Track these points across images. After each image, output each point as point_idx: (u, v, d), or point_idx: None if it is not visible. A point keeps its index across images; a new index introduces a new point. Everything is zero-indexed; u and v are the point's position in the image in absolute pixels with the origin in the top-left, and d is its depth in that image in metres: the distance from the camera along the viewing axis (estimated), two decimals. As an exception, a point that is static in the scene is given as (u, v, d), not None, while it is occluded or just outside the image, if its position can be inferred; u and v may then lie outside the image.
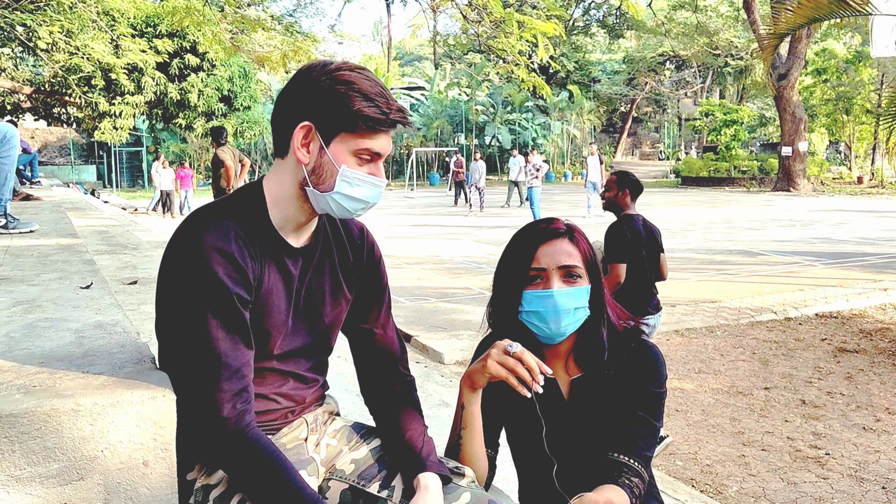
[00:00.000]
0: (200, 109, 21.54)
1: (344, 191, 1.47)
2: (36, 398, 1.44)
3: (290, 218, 1.53)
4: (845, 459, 4.17)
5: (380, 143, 1.48)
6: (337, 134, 1.46)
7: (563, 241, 1.69)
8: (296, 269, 1.55)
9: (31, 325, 2.11)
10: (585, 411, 1.72)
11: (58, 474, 1.40)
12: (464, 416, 1.66)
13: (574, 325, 1.68)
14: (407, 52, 75.18)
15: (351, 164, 1.47)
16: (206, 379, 1.38)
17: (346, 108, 1.44)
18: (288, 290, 1.54)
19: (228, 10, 11.44)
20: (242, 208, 1.50)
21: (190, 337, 1.39)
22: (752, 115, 38.57)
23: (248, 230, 1.46)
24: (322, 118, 1.46)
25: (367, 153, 1.47)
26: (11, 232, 4.77)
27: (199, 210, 1.49)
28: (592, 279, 1.71)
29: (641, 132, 59.80)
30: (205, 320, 1.38)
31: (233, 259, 1.41)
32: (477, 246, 13.73)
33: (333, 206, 1.49)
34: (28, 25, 14.15)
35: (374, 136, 1.46)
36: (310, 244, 1.59)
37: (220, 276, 1.38)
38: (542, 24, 9.92)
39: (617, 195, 4.54)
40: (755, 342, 6.65)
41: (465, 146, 40.77)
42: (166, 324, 1.45)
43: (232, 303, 1.40)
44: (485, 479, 1.71)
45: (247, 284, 1.43)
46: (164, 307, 1.45)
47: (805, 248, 12.73)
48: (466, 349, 6.30)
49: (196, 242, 1.40)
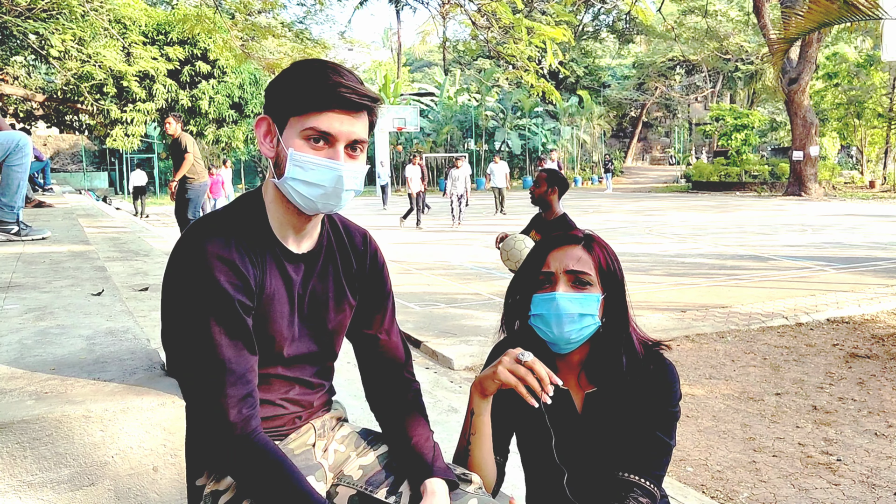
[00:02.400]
0: (211, 116, 21.69)
1: (297, 176, 1.44)
2: (47, 404, 1.45)
3: (285, 222, 1.53)
4: (857, 466, 4.14)
5: (328, 122, 1.43)
6: (287, 120, 1.46)
7: (575, 248, 1.68)
8: (297, 275, 1.56)
9: (42, 332, 2.13)
10: (598, 426, 1.71)
11: (69, 480, 1.41)
12: (473, 422, 1.66)
13: (579, 332, 1.65)
14: (417, 58, 75.35)
15: (300, 147, 1.44)
16: (212, 385, 1.40)
17: (290, 90, 1.44)
18: (290, 296, 1.55)
19: (239, 17, 11.49)
20: (243, 216, 1.51)
21: (194, 344, 1.41)
22: (763, 119, 38.43)
23: (248, 237, 1.48)
24: (274, 108, 1.48)
25: (314, 133, 1.43)
26: (24, 239, 4.80)
27: (202, 219, 1.51)
28: (609, 290, 1.68)
29: (652, 137, 59.69)
30: (208, 327, 1.39)
31: (234, 266, 1.42)
32: (487, 251, 13.71)
33: (293, 194, 1.47)
34: (41, 34, 14.28)
35: (320, 114, 1.43)
36: (313, 250, 1.60)
37: (222, 283, 1.40)
38: (552, 29, 9.93)
39: (546, 192, 4.83)
40: (766, 347, 6.62)
41: (475, 151, 40.81)
42: (172, 332, 1.47)
43: (234, 309, 1.41)
44: (493, 486, 1.71)
45: (248, 291, 1.44)
46: (168, 315, 1.47)
47: (816, 252, 12.66)
48: (476, 355, 6.30)
49: (198, 251, 1.42)
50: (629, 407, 1.68)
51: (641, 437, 1.66)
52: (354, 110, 1.45)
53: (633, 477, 1.63)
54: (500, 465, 1.75)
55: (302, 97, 1.42)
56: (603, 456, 1.69)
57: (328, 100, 1.42)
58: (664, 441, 1.66)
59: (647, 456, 1.65)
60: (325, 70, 1.44)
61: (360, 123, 1.48)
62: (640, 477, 1.63)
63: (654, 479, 1.64)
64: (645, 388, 1.68)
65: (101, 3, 15.14)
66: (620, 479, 1.64)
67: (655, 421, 1.67)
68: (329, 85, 1.41)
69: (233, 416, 1.39)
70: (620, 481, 1.64)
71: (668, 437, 1.67)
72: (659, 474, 1.65)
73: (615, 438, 1.69)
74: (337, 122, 1.44)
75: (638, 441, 1.66)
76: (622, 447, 1.67)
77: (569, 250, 1.68)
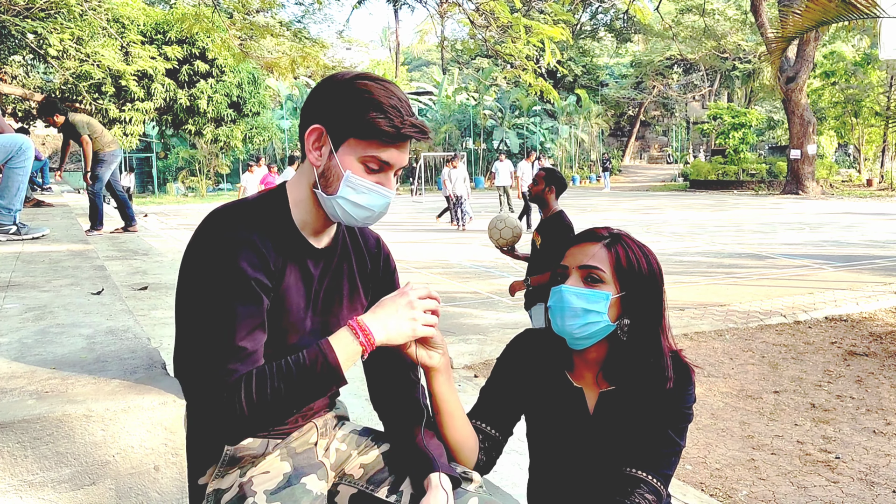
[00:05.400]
0: (210, 115, 21.68)
1: (348, 196, 1.47)
2: (48, 404, 1.45)
3: (309, 221, 1.54)
4: (855, 463, 4.15)
5: (389, 154, 1.47)
6: (346, 139, 1.46)
7: (594, 246, 1.65)
8: (316, 270, 1.57)
9: (42, 331, 2.13)
10: (609, 426, 1.69)
11: (70, 479, 1.41)
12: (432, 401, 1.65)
13: (583, 328, 1.61)
14: (415, 57, 75.34)
15: (357, 171, 1.47)
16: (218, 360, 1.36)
17: (357, 114, 1.44)
18: (307, 291, 1.55)
19: (237, 16, 11.48)
20: (266, 208, 1.52)
21: (208, 319, 1.38)
22: (761, 118, 38.40)
23: (270, 227, 1.48)
24: (333, 122, 1.47)
25: (374, 162, 1.47)
26: (24, 238, 4.80)
27: (222, 208, 1.50)
28: (629, 290, 1.63)
29: (649, 136, 59.70)
30: (224, 302, 1.38)
31: (254, 245, 1.42)
32: (485, 250, 13.72)
33: (339, 211, 1.49)
34: (39, 33, 14.26)
35: (384, 147, 1.46)
36: (329, 247, 1.61)
37: (240, 261, 1.39)
38: (550, 28, 9.92)
39: (544, 190, 4.89)
40: (764, 345, 6.63)
41: (473, 150, 40.81)
42: (185, 312, 1.43)
43: (250, 287, 1.40)
44: (475, 455, 1.69)
45: (267, 270, 1.43)
46: (183, 297, 1.44)
47: (814, 251, 12.67)
48: (475, 353, 6.31)
49: (217, 233, 1.42)
50: (643, 409, 1.66)
51: (652, 434, 1.65)
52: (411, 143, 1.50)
53: (641, 473, 1.62)
54: (495, 440, 1.73)
55: (370, 126, 1.44)
56: (611, 454, 1.68)
57: (397, 136, 1.45)
58: (675, 440, 1.65)
59: (656, 453, 1.64)
60: (394, 99, 1.46)
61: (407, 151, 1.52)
62: (647, 473, 1.62)
63: (661, 478, 1.62)
64: (661, 390, 1.65)
65: (99, 3, 15.12)
66: (627, 474, 1.63)
67: (668, 419, 1.65)
68: (401, 122, 1.44)
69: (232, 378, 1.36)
70: (627, 477, 1.62)
71: (679, 438, 1.65)
72: (667, 473, 1.64)
73: (625, 439, 1.67)
74: (397, 154, 1.48)
75: (648, 438, 1.65)
76: (632, 446, 1.66)
77: (587, 247, 1.66)
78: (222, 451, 1.50)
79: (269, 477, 1.49)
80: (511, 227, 5.22)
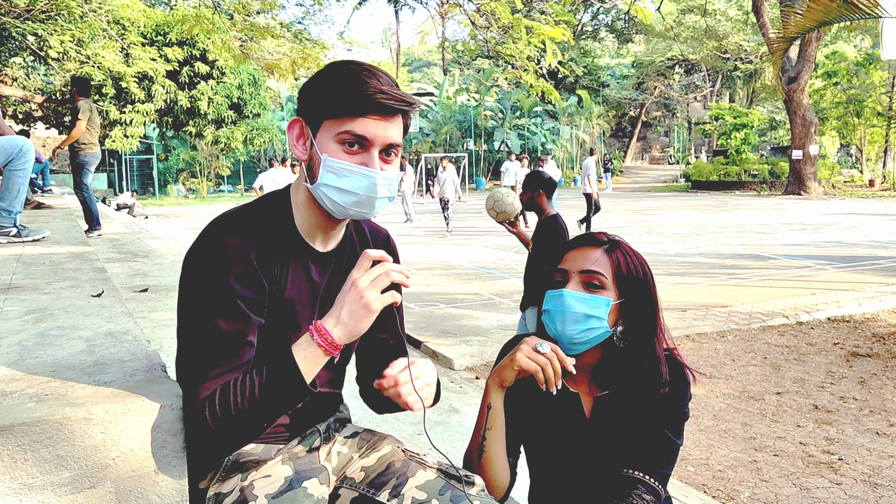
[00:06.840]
0: (210, 117, 21.68)
1: (331, 182, 1.42)
2: (48, 407, 1.44)
3: (312, 223, 1.52)
4: (858, 465, 4.14)
5: (363, 126, 1.40)
6: (321, 123, 1.43)
7: (595, 250, 1.65)
8: (321, 277, 1.55)
9: (42, 334, 2.12)
10: (606, 431, 1.68)
11: (70, 482, 1.40)
12: (489, 416, 1.64)
13: (582, 334, 1.61)
14: (416, 58, 75.43)
15: (334, 152, 1.41)
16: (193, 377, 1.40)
17: (326, 91, 1.42)
18: (313, 297, 1.54)
19: (238, 17, 11.48)
20: (268, 213, 1.50)
21: (190, 334, 1.41)
22: (762, 118, 38.41)
23: (271, 235, 1.46)
24: (309, 110, 1.45)
25: (349, 137, 1.40)
26: (24, 240, 4.80)
27: (224, 214, 1.49)
28: (628, 297, 1.63)
29: (651, 136, 59.70)
30: (209, 317, 1.39)
31: (247, 261, 1.41)
32: (487, 251, 13.72)
33: (326, 201, 1.45)
34: (39, 35, 14.26)
35: (354, 118, 1.40)
36: (337, 248, 1.59)
37: (230, 277, 1.39)
38: (551, 29, 9.92)
39: (533, 196, 4.78)
40: (767, 347, 6.61)
41: (474, 151, 40.82)
42: (178, 321, 1.46)
43: (236, 306, 1.40)
44: (505, 487, 1.69)
45: (259, 287, 1.43)
46: (178, 306, 1.46)
47: (816, 251, 12.66)
48: (476, 355, 6.30)
49: (212, 247, 1.41)
50: (639, 412, 1.66)
51: (649, 433, 1.64)
52: (390, 114, 1.42)
53: (638, 474, 1.61)
54: (511, 465, 1.72)
55: (337, 100, 1.40)
56: (610, 457, 1.67)
57: (365, 104, 1.39)
58: (671, 439, 1.64)
59: (653, 453, 1.63)
60: (360, 73, 1.41)
61: (395, 127, 1.45)
62: (644, 474, 1.61)
63: (659, 478, 1.62)
64: (657, 392, 1.64)
65: (99, 4, 15.13)
66: (625, 475, 1.62)
67: (665, 418, 1.64)
68: (366, 88, 1.39)
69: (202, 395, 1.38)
70: (625, 478, 1.62)
71: (676, 436, 1.65)
72: (665, 472, 1.63)
73: (623, 442, 1.67)
74: (373, 126, 1.40)
75: (645, 438, 1.64)
76: (629, 447, 1.66)
77: (587, 251, 1.66)
78: (223, 456, 1.50)
79: (271, 481, 1.48)
80: (505, 203, 5.00)
